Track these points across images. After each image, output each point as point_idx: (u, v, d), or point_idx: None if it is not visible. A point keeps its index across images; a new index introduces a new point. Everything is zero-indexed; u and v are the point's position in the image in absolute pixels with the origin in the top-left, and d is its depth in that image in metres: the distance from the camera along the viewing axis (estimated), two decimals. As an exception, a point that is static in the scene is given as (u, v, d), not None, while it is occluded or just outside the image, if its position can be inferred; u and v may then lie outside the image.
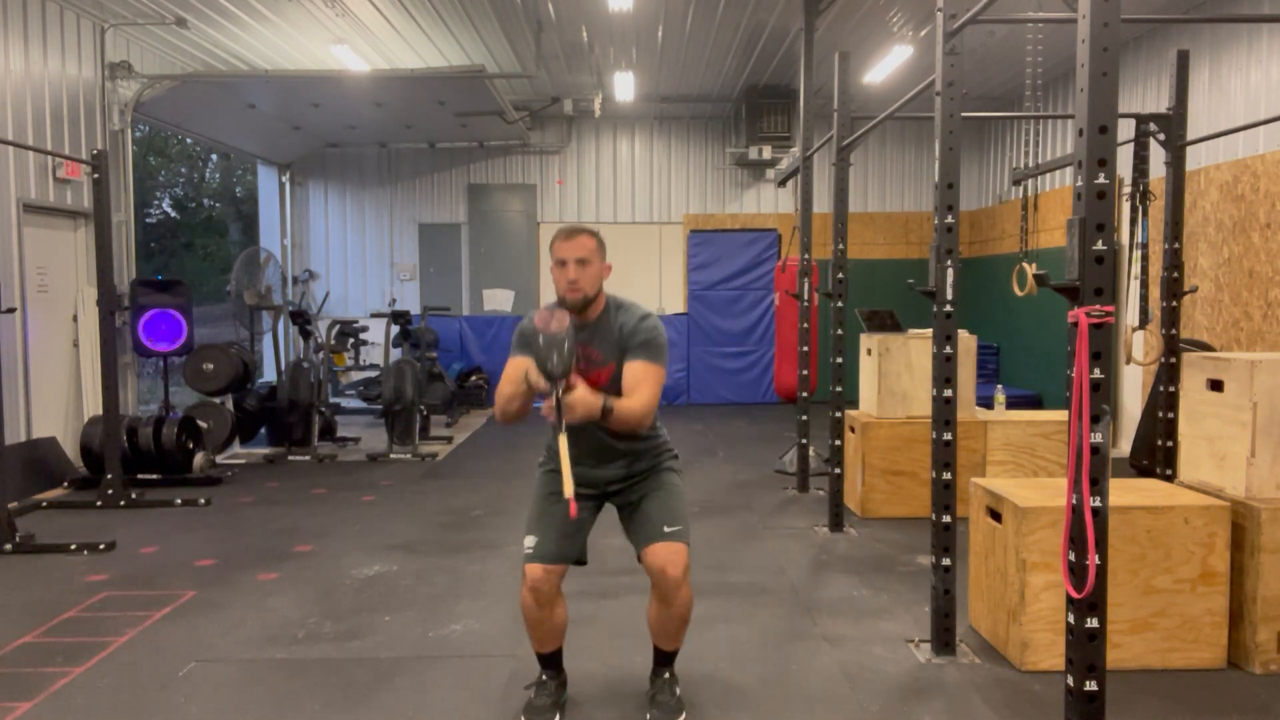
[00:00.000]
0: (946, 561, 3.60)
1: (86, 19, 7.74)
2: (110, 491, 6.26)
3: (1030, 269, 5.46)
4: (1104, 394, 2.36)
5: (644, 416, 2.86)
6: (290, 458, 8.16)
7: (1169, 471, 4.92)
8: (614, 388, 2.93)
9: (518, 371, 2.84)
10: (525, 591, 2.99)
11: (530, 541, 3.02)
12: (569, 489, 2.65)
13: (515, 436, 9.30)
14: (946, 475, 3.61)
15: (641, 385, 2.87)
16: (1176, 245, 5.05)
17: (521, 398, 2.87)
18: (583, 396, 2.72)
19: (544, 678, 3.16)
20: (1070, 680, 2.44)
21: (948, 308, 3.60)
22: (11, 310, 5.91)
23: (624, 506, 3.09)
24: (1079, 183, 2.35)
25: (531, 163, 12.29)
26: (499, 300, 12.27)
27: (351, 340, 10.35)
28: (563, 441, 2.70)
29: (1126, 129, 5.22)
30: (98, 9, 7.65)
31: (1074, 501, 2.40)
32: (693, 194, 12.36)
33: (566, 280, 2.87)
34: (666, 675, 3.15)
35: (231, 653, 3.75)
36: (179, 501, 6.39)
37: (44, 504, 6.37)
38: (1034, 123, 7.79)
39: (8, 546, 5.18)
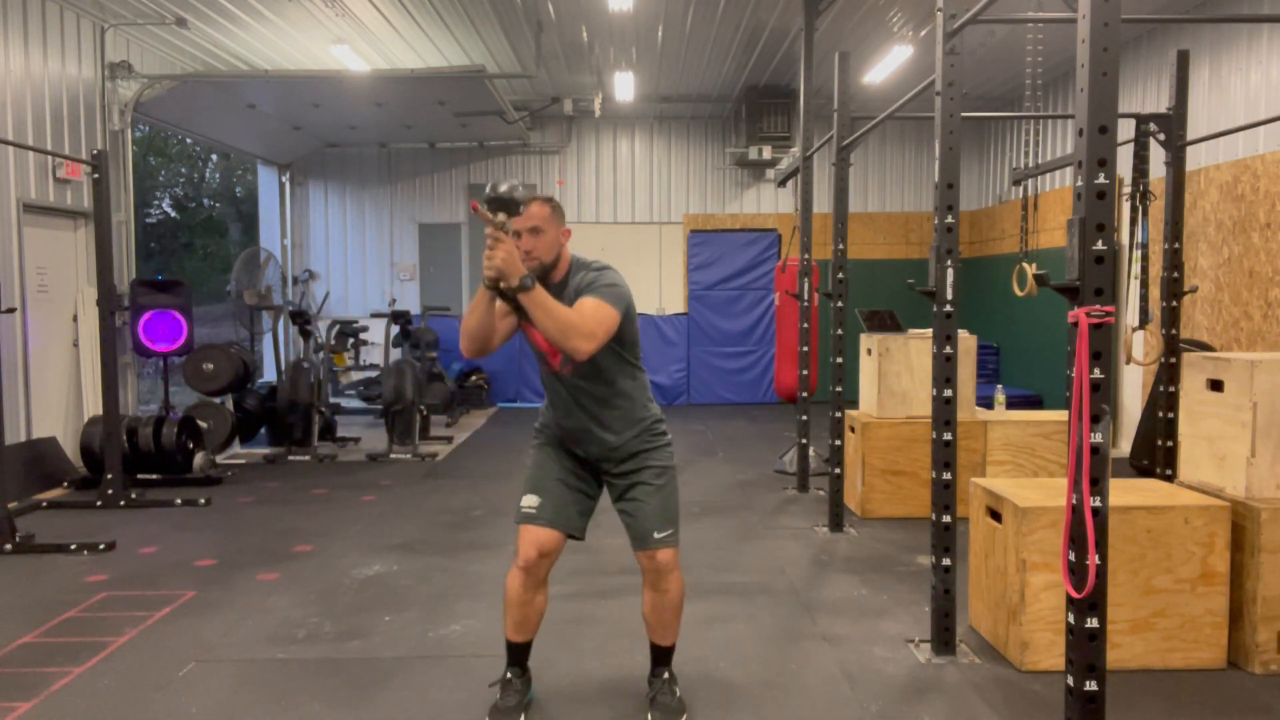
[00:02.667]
0: (946, 561, 3.60)
1: (86, 19, 7.74)
2: (110, 491, 6.25)
3: (1030, 269, 5.46)
4: (1104, 394, 2.36)
5: (569, 326, 2.67)
6: (290, 458, 8.16)
7: (1169, 471, 4.92)
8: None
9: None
10: (516, 565, 2.99)
11: (530, 501, 3.00)
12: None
13: (515, 436, 9.30)
14: (946, 475, 3.61)
15: (580, 308, 2.78)
16: (1176, 245, 5.05)
17: (479, 310, 2.78)
18: (510, 248, 2.63)
19: (509, 676, 3.15)
20: (1070, 680, 2.44)
21: (948, 308, 3.60)
22: (11, 310, 5.91)
23: (617, 493, 3.08)
24: (1079, 183, 2.35)
25: (531, 163, 12.29)
26: (499, 300, 12.24)
27: (351, 340, 10.37)
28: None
29: (1126, 129, 5.21)
30: (98, 9, 7.65)
31: (1074, 501, 2.40)
32: (693, 194, 12.36)
33: (523, 251, 2.83)
34: (666, 675, 3.15)
35: (231, 653, 3.75)
36: (179, 501, 6.39)
37: (44, 504, 6.37)
38: (1034, 123, 7.78)
39: (8, 546, 5.18)
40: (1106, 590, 2.41)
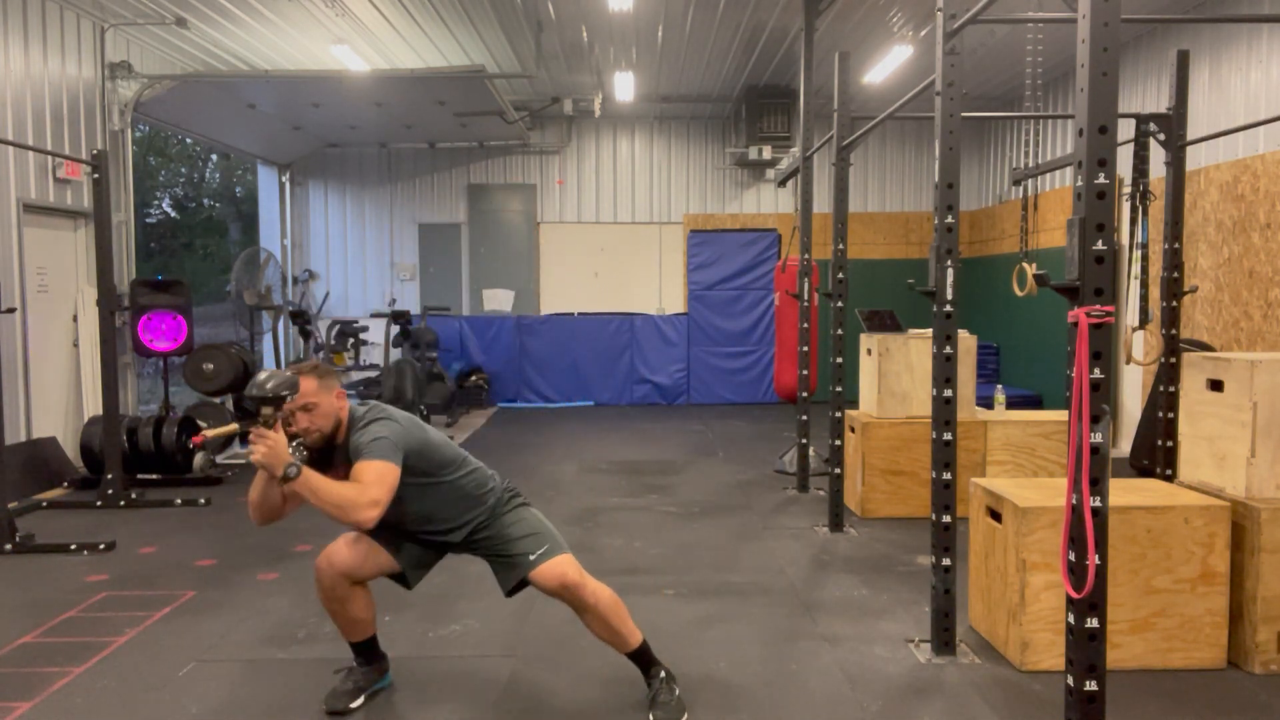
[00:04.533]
0: (946, 561, 3.60)
1: (86, 19, 7.74)
2: (110, 491, 6.25)
3: (1030, 269, 5.47)
4: (1104, 394, 2.36)
5: (345, 503, 2.77)
6: (290, 458, 8.14)
7: (1169, 471, 4.92)
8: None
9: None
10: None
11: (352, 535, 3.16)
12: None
13: (515, 437, 9.29)
14: (946, 475, 3.61)
15: (357, 476, 2.84)
16: (1176, 245, 5.05)
17: (259, 487, 2.94)
18: (277, 439, 2.73)
19: (354, 665, 3.29)
20: (1070, 680, 2.44)
21: (948, 308, 3.60)
22: (11, 310, 5.91)
23: (484, 556, 3.18)
24: (1079, 183, 2.35)
25: (531, 163, 12.29)
26: (499, 300, 12.27)
27: (351, 340, 10.36)
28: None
29: (1126, 129, 5.22)
30: (98, 9, 7.65)
31: (1074, 501, 2.40)
32: (693, 194, 12.36)
33: (301, 428, 2.90)
34: (662, 675, 3.15)
35: (231, 653, 3.75)
36: (179, 501, 6.38)
37: (44, 504, 6.37)
38: (1034, 123, 7.78)
39: (8, 546, 5.18)
40: (1106, 590, 2.41)
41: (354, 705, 3.20)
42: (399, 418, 2.98)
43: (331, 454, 3.00)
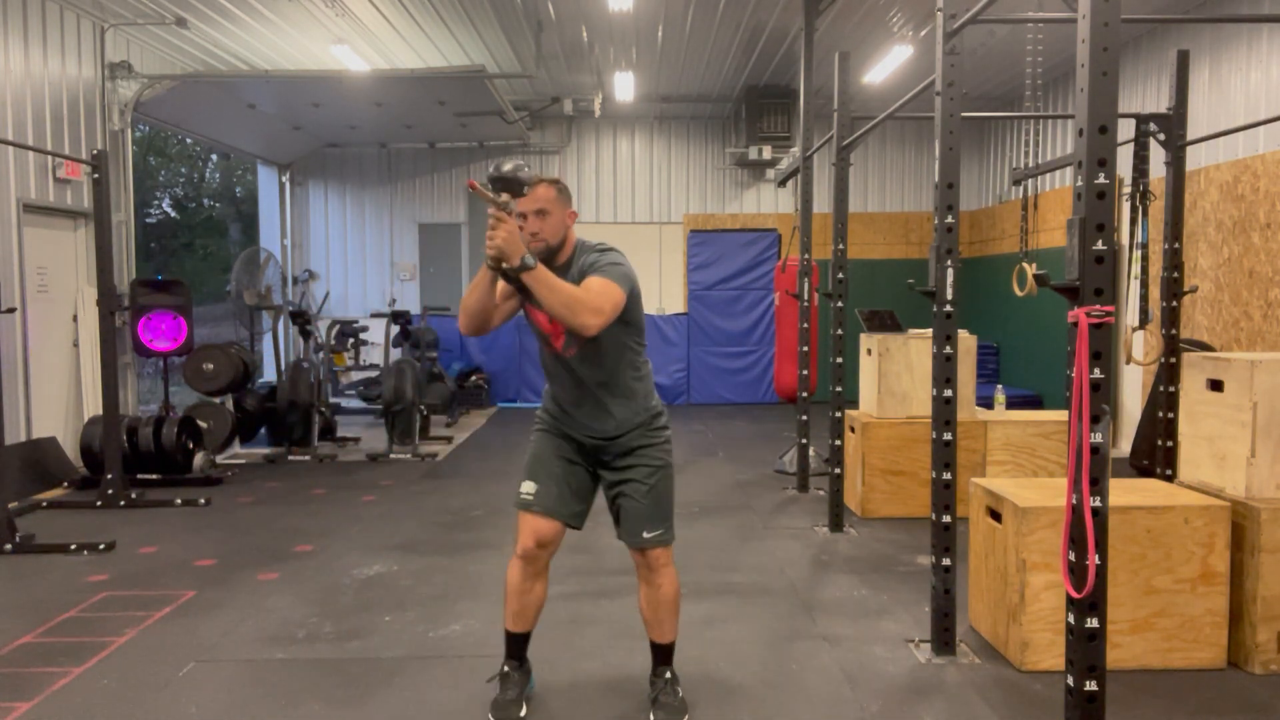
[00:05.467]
0: (946, 561, 3.60)
1: (86, 19, 7.74)
2: (110, 491, 6.25)
3: (1030, 269, 5.46)
4: (1104, 394, 2.36)
5: (575, 301, 2.64)
6: (290, 458, 8.16)
7: (1169, 471, 4.92)
8: (576, 336, 2.85)
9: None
10: (515, 554, 3.04)
11: (529, 488, 3.04)
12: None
13: (515, 436, 9.30)
14: (946, 475, 3.61)
15: (587, 286, 2.75)
16: (1176, 245, 5.05)
17: (479, 289, 2.78)
18: (512, 228, 2.61)
19: (506, 669, 3.17)
20: (1070, 680, 2.44)
21: (948, 308, 3.60)
22: (11, 310, 5.91)
23: (611, 485, 3.08)
24: (1079, 183, 2.35)
25: (531, 163, 12.25)
26: (499, 300, 12.24)
27: (351, 340, 10.36)
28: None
29: (1126, 129, 5.22)
30: (98, 9, 7.65)
31: (1074, 501, 2.40)
32: (693, 194, 12.36)
33: (529, 233, 2.80)
34: (668, 675, 3.15)
35: (231, 653, 3.75)
36: (179, 501, 6.38)
37: (44, 504, 6.37)
38: (1034, 123, 7.78)
39: (8, 546, 5.18)
40: (1106, 590, 2.41)
41: (523, 714, 3.11)
42: (628, 261, 2.92)
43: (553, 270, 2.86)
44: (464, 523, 5.91)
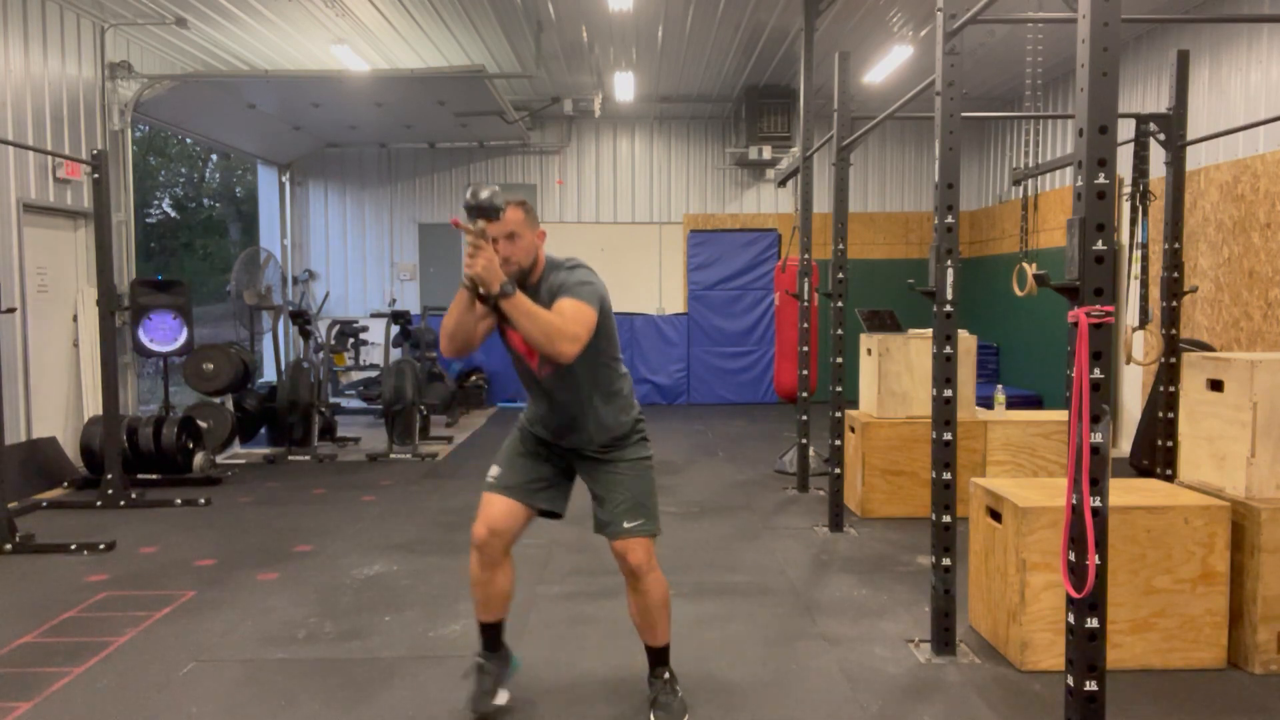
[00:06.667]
0: (946, 561, 3.60)
1: (86, 19, 7.74)
2: (110, 491, 6.25)
3: (1030, 269, 5.46)
4: (1104, 394, 2.36)
5: (552, 330, 2.67)
6: (290, 458, 8.16)
7: (1169, 471, 4.92)
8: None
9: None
10: (473, 547, 3.06)
11: (494, 471, 3.11)
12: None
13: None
14: (946, 475, 3.61)
15: (560, 310, 2.77)
16: (1176, 245, 5.05)
17: (458, 311, 2.79)
18: (491, 255, 2.65)
19: (479, 661, 3.18)
20: (1070, 680, 2.44)
21: (948, 308, 3.60)
22: (11, 310, 5.91)
23: (590, 473, 3.09)
24: (1079, 183, 2.35)
25: (531, 163, 12.29)
26: (499, 300, 12.24)
27: (351, 340, 10.35)
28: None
29: (1126, 129, 5.22)
30: (98, 9, 7.65)
31: (1074, 501, 2.40)
32: (693, 194, 12.36)
33: (501, 258, 2.81)
34: (666, 675, 3.15)
35: (231, 653, 3.75)
36: (179, 501, 6.38)
37: (44, 504, 6.37)
38: (1034, 123, 7.79)
39: (8, 546, 5.18)
40: (1106, 590, 2.41)
41: (500, 701, 3.15)
42: (596, 275, 2.94)
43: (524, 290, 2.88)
44: (464, 523, 5.90)
